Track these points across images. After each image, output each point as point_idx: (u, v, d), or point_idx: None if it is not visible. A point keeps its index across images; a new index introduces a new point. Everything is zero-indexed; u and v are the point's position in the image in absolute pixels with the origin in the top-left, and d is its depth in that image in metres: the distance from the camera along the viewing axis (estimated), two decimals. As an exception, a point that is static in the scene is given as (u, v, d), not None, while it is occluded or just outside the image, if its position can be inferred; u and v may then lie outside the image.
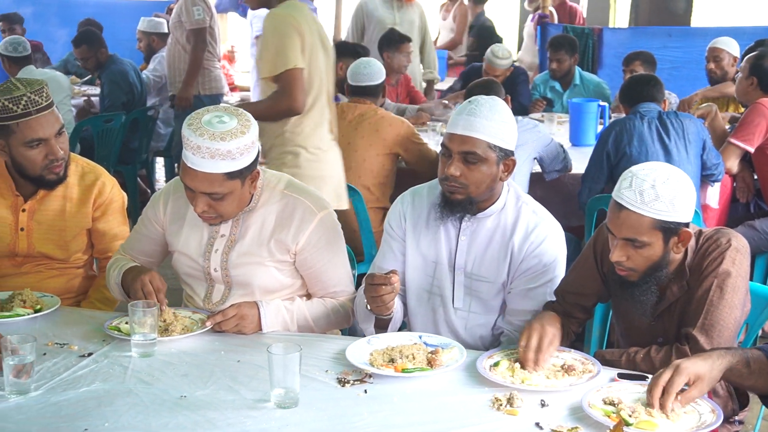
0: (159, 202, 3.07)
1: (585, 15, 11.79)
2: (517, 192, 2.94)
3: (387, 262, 3.00)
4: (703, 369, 2.23)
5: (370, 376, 2.47)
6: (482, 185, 2.81)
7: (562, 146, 4.99)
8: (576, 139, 5.95)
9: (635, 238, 2.51)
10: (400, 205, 3.04)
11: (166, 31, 8.17)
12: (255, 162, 2.81)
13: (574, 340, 2.82)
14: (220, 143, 2.66)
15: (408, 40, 7.10)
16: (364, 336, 2.78)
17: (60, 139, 3.18)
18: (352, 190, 4.68)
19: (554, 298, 2.84)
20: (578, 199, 4.73)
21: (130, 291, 2.90)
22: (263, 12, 4.28)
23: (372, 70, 5.27)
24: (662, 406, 2.20)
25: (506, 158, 2.81)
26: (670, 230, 2.51)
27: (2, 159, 3.24)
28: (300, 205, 2.94)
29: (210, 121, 2.69)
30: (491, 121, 2.76)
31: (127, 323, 2.76)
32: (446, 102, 6.87)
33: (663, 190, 2.46)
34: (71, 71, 9.25)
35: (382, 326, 2.88)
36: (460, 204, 2.84)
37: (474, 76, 7.26)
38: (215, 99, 6.94)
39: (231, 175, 2.73)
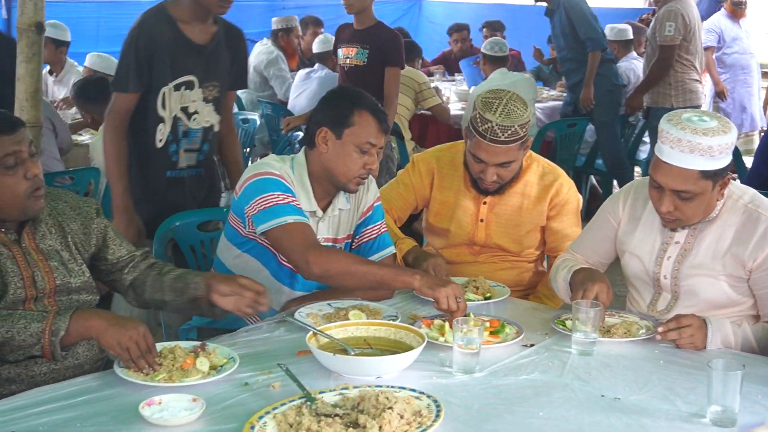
0: (619, 197, 3.10)
1: None
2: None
3: None
4: None
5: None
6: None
7: None
8: None
9: None
10: None
11: (629, 38, 8.13)
12: (728, 167, 2.74)
13: None
14: (702, 137, 2.64)
15: None
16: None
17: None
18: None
19: None
20: None
21: (576, 290, 2.95)
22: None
23: None
24: None
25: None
26: None
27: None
28: (764, 220, 2.80)
29: (690, 118, 2.70)
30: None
31: (571, 320, 2.83)
32: None
33: None
34: (542, 77, 9.62)
35: None
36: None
37: None
38: None
39: (705, 174, 2.69)
